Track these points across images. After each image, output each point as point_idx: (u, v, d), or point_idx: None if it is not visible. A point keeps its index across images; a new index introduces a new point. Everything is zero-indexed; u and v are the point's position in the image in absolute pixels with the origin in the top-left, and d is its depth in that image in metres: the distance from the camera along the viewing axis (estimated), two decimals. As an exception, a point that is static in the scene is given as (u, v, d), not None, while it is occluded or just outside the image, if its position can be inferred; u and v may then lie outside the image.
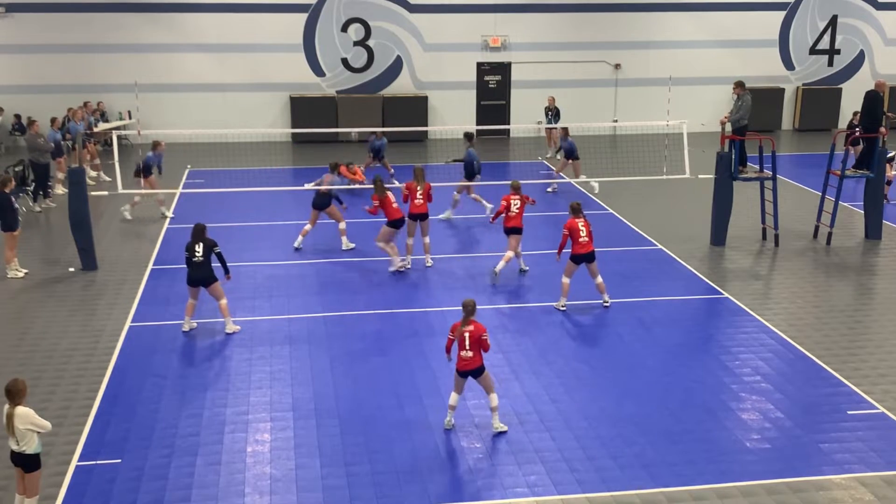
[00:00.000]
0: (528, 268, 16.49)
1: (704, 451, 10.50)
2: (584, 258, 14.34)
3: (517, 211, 15.93)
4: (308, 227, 17.87)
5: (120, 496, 9.64)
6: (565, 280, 14.60)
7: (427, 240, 16.87)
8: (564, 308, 14.62)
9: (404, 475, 10.02)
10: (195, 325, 13.92)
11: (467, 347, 10.69)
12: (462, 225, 19.62)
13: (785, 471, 10.11)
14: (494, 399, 10.90)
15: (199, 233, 13.61)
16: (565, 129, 22.71)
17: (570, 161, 22.20)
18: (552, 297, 15.28)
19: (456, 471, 10.13)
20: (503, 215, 16.01)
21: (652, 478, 9.96)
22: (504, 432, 10.86)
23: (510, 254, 15.95)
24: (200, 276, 13.52)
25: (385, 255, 16.73)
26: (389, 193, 16.48)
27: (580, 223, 14.31)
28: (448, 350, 10.99)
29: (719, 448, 10.59)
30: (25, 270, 16.36)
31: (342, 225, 17.89)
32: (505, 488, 9.81)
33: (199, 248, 13.48)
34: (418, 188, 16.56)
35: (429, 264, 16.81)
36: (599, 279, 14.68)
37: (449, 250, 17.87)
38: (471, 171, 19.83)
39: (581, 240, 14.25)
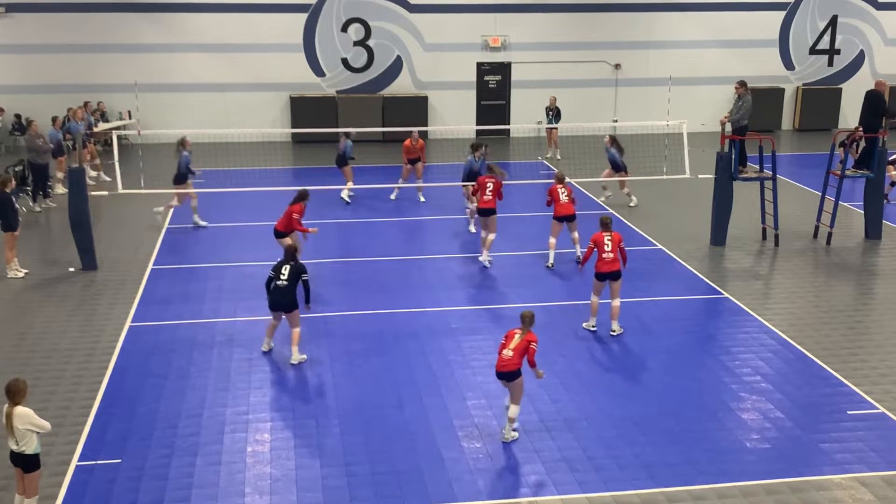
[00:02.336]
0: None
1: (704, 451, 10.51)
2: (607, 276, 13.59)
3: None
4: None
5: (120, 496, 9.64)
6: (594, 299, 13.86)
7: (491, 237, 16.78)
8: (595, 329, 13.85)
9: (404, 475, 10.02)
10: (273, 345, 13.15)
11: (511, 347, 10.60)
12: (462, 225, 19.60)
13: (785, 471, 10.11)
14: (514, 410, 10.67)
15: (290, 255, 12.83)
16: (612, 138, 21.14)
17: (616, 172, 20.84)
18: (552, 297, 15.30)
19: (456, 471, 10.13)
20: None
21: (652, 478, 9.96)
22: (513, 440, 10.72)
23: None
24: (282, 301, 12.63)
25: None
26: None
27: (606, 237, 13.59)
28: (501, 352, 10.74)
29: (719, 448, 10.60)
30: (26, 270, 16.37)
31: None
32: (505, 488, 9.81)
33: (286, 272, 12.61)
34: (488, 183, 16.74)
35: (482, 259, 16.82)
36: (617, 303, 13.74)
37: (449, 250, 17.86)
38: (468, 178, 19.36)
39: (605, 255, 13.48)
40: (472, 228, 18.91)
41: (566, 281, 16.22)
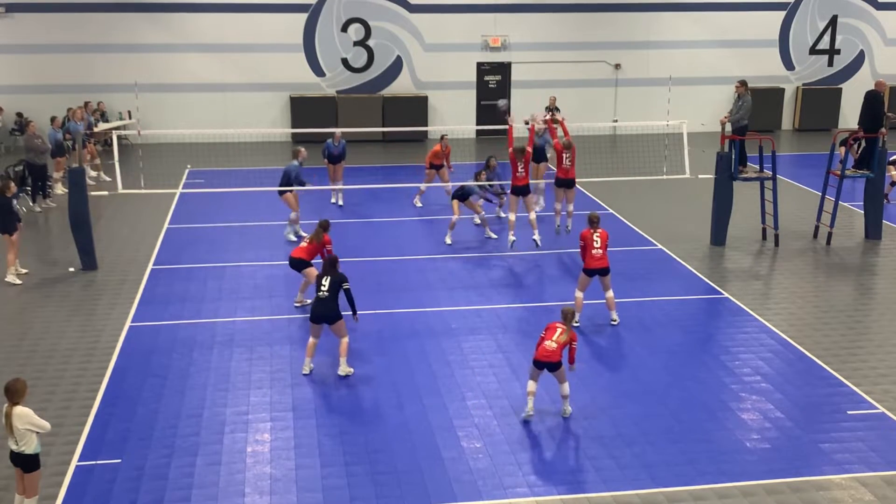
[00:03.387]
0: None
1: (704, 451, 10.51)
2: (596, 272, 13.79)
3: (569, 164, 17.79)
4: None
5: (120, 496, 9.64)
6: (578, 294, 14.06)
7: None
8: (577, 324, 13.77)
9: (404, 475, 10.02)
10: (313, 366, 12.59)
11: (554, 339, 10.98)
12: (463, 226, 19.60)
13: (785, 471, 10.12)
14: (566, 388, 11.21)
15: (329, 266, 12.56)
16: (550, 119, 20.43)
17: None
18: (552, 297, 15.30)
19: (456, 471, 10.13)
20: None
21: (652, 478, 9.96)
22: (568, 416, 11.25)
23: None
24: (324, 313, 12.25)
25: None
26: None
27: (595, 234, 13.73)
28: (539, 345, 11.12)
29: (719, 448, 10.60)
30: (26, 270, 16.35)
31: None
32: (505, 488, 9.81)
33: (326, 283, 12.31)
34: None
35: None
36: (611, 293, 14.01)
37: (449, 251, 17.86)
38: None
39: (594, 252, 13.65)
40: (502, 214, 19.66)
41: (567, 281, 16.21)
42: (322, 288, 12.32)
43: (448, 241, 18.11)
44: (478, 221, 19.11)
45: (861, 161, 18.82)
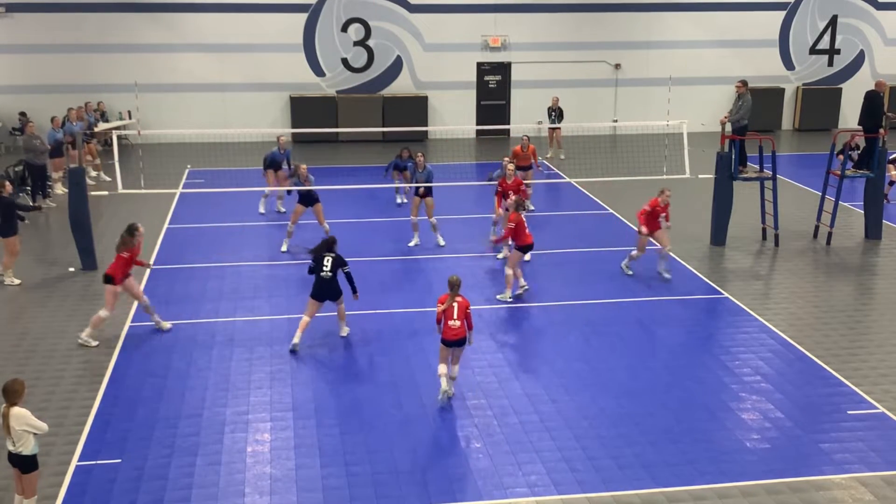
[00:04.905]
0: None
1: (704, 451, 10.50)
2: (529, 248, 15.22)
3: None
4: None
5: (120, 496, 9.64)
6: (509, 272, 15.08)
7: None
8: (511, 300, 14.98)
9: (404, 475, 10.02)
10: (297, 343, 13.12)
11: (455, 317, 11.36)
12: (462, 228, 19.61)
13: (785, 471, 10.11)
14: (457, 370, 11.71)
15: (325, 247, 13.23)
16: None
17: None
18: (552, 297, 15.30)
19: (456, 471, 10.13)
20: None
21: (652, 478, 9.96)
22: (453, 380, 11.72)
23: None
24: (328, 291, 13.10)
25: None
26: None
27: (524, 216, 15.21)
28: (438, 321, 11.47)
29: (719, 448, 10.59)
30: (18, 281, 16.10)
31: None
32: (505, 488, 9.81)
33: (328, 263, 13.07)
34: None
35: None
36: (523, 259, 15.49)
37: (449, 250, 17.85)
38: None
39: (528, 231, 15.04)
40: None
41: (565, 281, 16.22)
42: (325, 268, 13.07)
43: (493, 237, 18.12)
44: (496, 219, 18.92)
45: (861, 161, 18.82)
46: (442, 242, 17.99)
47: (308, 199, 17.73)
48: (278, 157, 20.59)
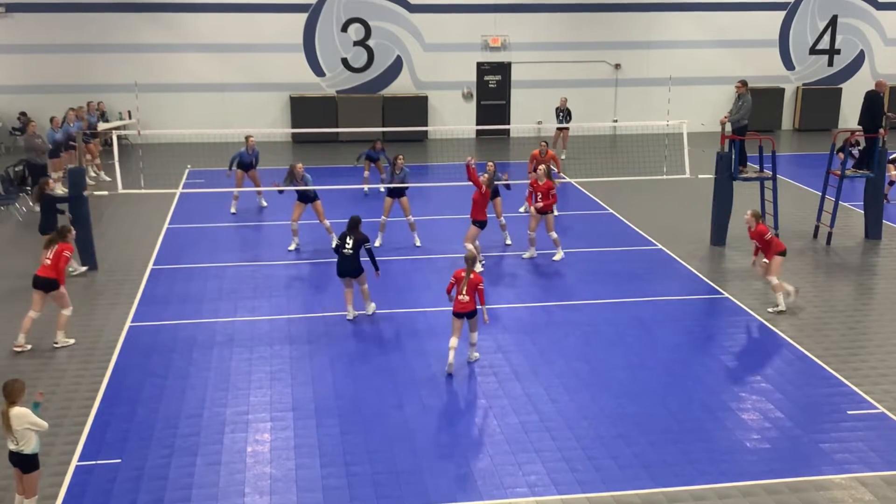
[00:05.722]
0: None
1: (704, 451, 10.50)
2: (484, 224, 16.29)
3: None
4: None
5: (120, 496, 9.64)
6: (469, 245, 15.91)
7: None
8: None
9: (404, 475, 10.02)
10: (357, 313, 14.28)
11: (464, 292, 12.24)
12: (462, 228, 19.60)
13: (785, 471, 10.11)
14: (475, 337, 12.65)
15: (352, 226, 14.15)
16: None
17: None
18: (552, 297, 15.29)
19: (456, 471, 10.13)
20: None
21: (652, 478, 9.96)
22: (476, 360, 12.68)
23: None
24: (349, 268, 14.02)
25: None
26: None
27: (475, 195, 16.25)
28: (448, 292, 12.47)
29: (719, 448, 10.59)
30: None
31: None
32: (505, 488, 9.81)
33: (350, 241, 14.00)
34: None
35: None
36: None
37: (449, 250, 17.85)
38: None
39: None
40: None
41: (565, 281, 16.22)
42: (347, 246, 13.98)
43: (508, 241, 18.18)
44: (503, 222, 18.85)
45: (861, 161, 18.82)
46: (418, 243, 18.00)
47: (306, 196, 17.75)
48: (245, 158, 20.48)
